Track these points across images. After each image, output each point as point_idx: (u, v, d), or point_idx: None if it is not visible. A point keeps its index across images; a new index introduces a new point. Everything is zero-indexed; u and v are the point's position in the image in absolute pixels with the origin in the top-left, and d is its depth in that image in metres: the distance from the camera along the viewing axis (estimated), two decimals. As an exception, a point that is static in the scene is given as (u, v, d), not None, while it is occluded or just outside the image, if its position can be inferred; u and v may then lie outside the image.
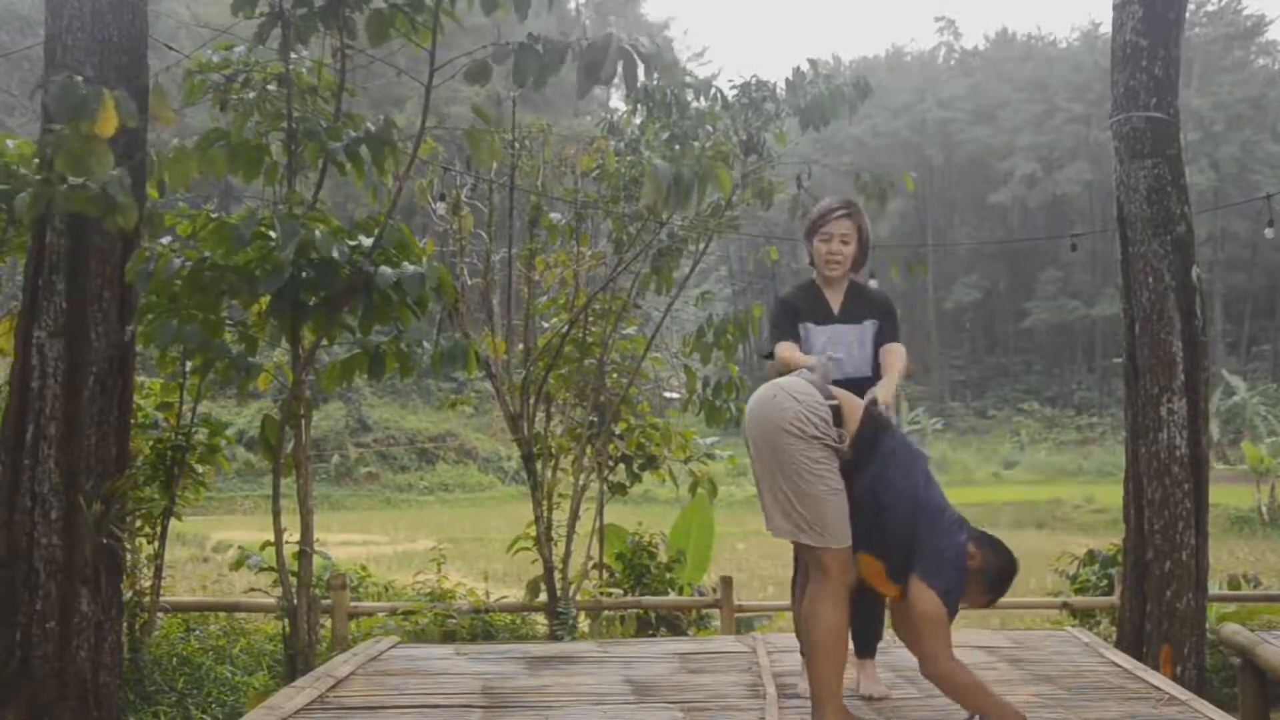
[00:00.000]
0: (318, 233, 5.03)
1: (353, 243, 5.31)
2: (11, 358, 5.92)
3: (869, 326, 4.23)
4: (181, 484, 6.76)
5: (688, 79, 7.18)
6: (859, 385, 3.95)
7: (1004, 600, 4.36)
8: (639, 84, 5.01)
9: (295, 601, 5.45)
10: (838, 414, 3.55)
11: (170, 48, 7.00)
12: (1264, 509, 28.27)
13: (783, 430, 3.51)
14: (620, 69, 4.62)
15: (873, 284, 5.10)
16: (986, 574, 3.57)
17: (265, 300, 5.40)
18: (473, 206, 8.14)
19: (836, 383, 3.86)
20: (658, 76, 4.93)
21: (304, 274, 5.15)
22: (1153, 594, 6.26)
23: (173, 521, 6.77)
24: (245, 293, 5.31)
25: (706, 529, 9.24)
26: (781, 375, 3.82)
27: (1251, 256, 55.57)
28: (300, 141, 5.34)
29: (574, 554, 7.87)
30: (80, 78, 4.73)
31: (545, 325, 8.38)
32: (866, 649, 4.27)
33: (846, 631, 3.60)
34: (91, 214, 4.84)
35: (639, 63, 4.64)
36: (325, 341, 5.56)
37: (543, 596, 7.65)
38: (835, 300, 4.29)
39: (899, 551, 3.50)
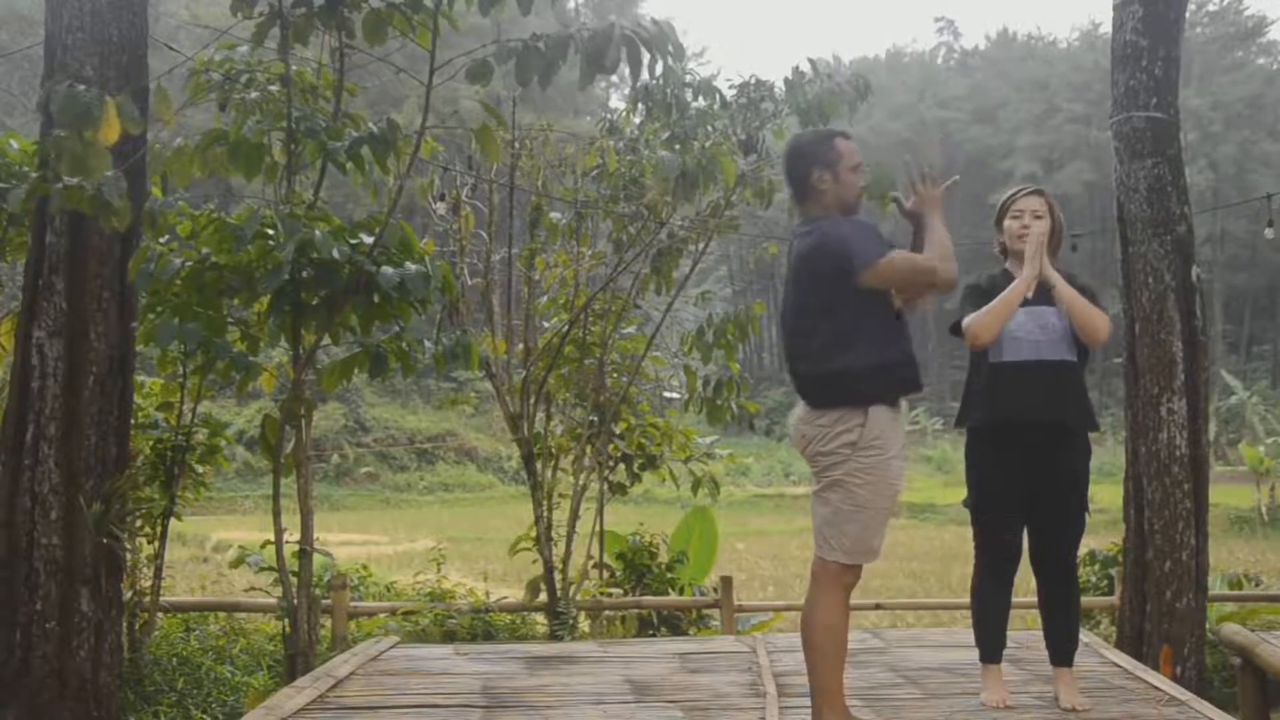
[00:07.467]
0: (318, 232, 5.03)
1: (354, 241, 5.31)
2: (12, 358, 5.92)
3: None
4: (181, 484, 6.74)
5: (688, 78, 7.14)
6: (1061, 368, 3.92)
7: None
8: (642, 81, 4.98)
9: (295, 601, 5.45)
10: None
11: (170, 48, 6.98)
12: (1264, 509, 28.28)
13: (809, 457, 3.61)
14: (625, 57, 4.59)
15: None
16: None
17: (266, 300, 5.40)
18: (473, 206, 8.13)
19: (1037, 364, 3.89)
20: (662, 67, 4.87)
21: (304, 273, 5.15)
22: (1153, 594, 6.26)
23: (173, 521, 6.76)
24: (245, 292, 5.31)
25: (710, 532, 9.21)
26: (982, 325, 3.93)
27: (1251, 256, 55.45)
28: (300, 141, 5.33)
29: (574, 554, 7.86)
30: (81, 83, 4.73)
31: (545, 325, 8.37)
32: (1063, 656, 4.08)
33: (846, 633, 3.59)
34: (88, 213, 4.84)
35: (643, 49, 4.62)
36: (328, 340, 5.56)
37: (543, 596, 7.64)
38: None
39: None
